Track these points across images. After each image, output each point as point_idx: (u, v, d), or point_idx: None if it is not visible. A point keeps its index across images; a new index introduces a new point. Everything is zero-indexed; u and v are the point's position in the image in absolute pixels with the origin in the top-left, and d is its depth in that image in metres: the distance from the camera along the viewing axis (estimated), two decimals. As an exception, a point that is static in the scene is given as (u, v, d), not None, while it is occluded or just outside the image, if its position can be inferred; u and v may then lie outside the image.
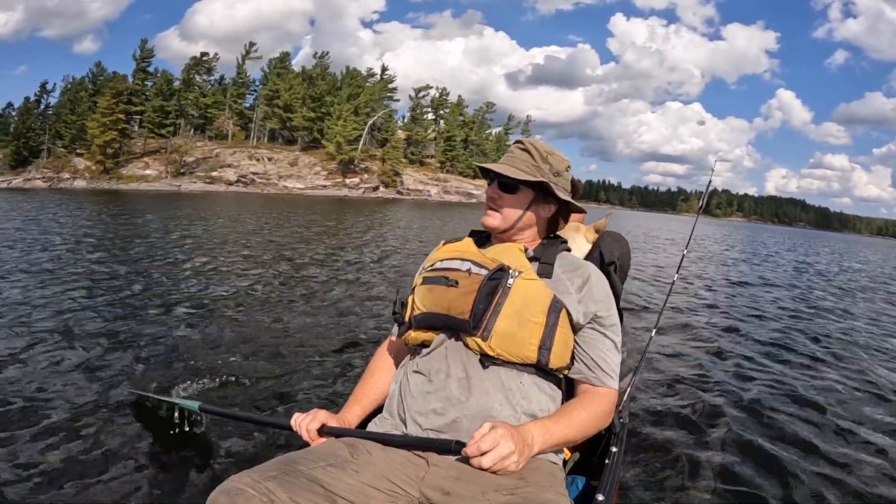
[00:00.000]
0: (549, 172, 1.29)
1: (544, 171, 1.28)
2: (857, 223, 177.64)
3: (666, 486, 2.16)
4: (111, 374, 2.93)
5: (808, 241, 42.89)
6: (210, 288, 5.43)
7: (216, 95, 46.51)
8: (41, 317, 3.98)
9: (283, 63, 49.82)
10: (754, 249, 20.51)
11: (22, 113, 40.88)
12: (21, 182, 35.70)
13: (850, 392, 3.48)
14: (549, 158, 1.29)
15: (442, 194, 47.43)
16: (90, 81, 44.95)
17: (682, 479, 2.21)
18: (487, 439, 0.97)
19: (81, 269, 6.07)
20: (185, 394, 2.70)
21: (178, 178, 39.39)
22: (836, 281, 11.50)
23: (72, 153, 39.63)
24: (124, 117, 38.74)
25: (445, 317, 1.17)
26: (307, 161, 44.94)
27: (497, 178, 1.27)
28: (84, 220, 12.90)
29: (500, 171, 1.25)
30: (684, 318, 5.47)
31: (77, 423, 2.34)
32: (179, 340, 3.61)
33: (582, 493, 1.26)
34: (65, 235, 9.24)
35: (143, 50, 44.40)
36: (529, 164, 1.27)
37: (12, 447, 2.10)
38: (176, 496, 1.89)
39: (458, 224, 19.88)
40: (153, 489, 1.90)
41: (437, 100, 55.57)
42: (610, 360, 1.20)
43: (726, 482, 2.21)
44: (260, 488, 0.92)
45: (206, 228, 12.02)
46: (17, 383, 2.73)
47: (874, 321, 6.48)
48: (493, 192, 1.28)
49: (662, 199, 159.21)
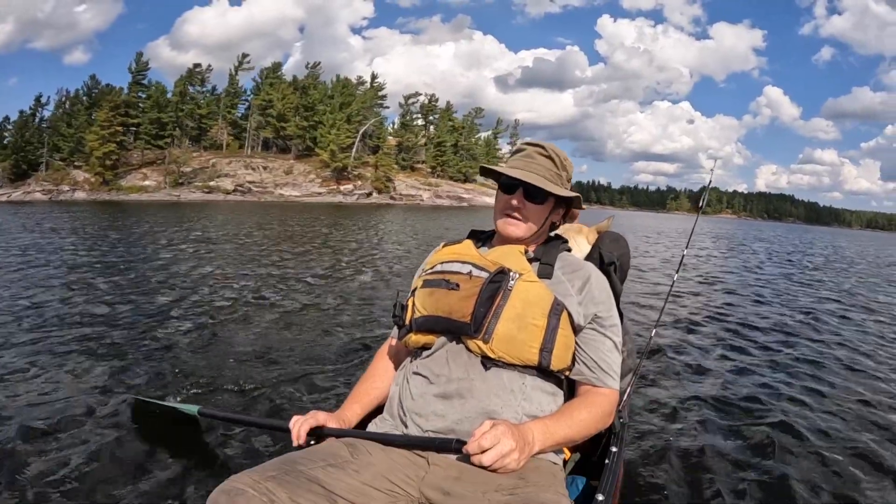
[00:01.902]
0: (565, 179, 1.30)
1: (563, 179, 1.29)
2: (847, 216, 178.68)
3: (666, 486, 2.14)
4: (111, 379, 2.98)
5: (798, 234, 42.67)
6: (209, 293, 5.49)
7: (210, 106, 47.52)
8: (42, 323, 4.07)
9: (276, 73, 50.87)
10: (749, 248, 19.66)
11: (19, 126, 41.50)
12: (21, 195, 36.40)
13: (855, 390, 3.44)
14: (566, 164, 1.30)
15: (434, 199, 48.61)
16: (85, 94, 45.75)
17: (683, 479, 2.20)
18: (488, 436, 0.97)
19: (83, 276, 6.22)
20: (184, 398, 2.73)
21: (177, 189, 40.33)
22: (830, 274, 11.51)
23: (70, 166, 40.39)
24: (122, 129, 39.78)
25: (446, 320, 1.17)
26: (302, 169, 46.05)
27: (523, 187, 1.24)
28: (89, 230, 13.26)
29: (532, 183, 1.23)
30: (685, 317, 5.46)
31: (77, 427, 2.36)
32: (178, 345, 3.65)
33: (582, 493, 1.26)
34: (69, 245, 9.52)
35: (138, 63, 45.53)
36: (553, 172, 1.27)
37: (12, 451, 2.12)
38: (176, 497, 1.90)
39: (451, 225, 20.56)
40: (153, 491, 1.92)
41: (426, 106, 56.88)
42: (610, 360, 1.20)
43: (726, 482, 2.20)
44: (260, 488, 0.92)
45: (206, 236, 12.19)
46: (16, 388, 2.77)
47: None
48: (519, 201, 1.25)
49: (653, 198, 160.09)
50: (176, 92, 45.58)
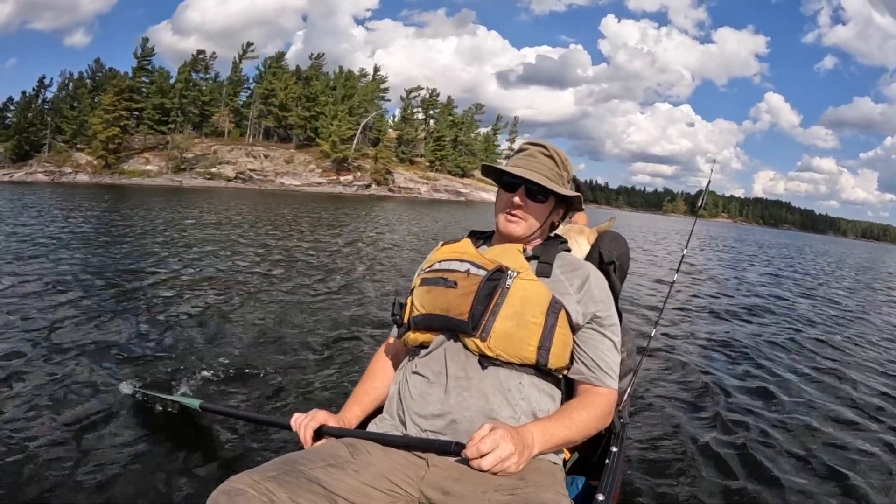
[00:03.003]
0: (566, 179, 1.30)
1: (564, 179, 1.29)
2: (842, 225, 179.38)
3: (666, 485, 2.14)
4: (112, 371, 2.95)
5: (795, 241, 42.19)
6: (211, 286, 5.47)
7: (213, 93, 47.85)
8: (42, 314, 4.02)
9: (279, 62, 51.18)
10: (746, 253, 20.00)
11: (22, 107, 41.74)
12: (23, 175, 36.71)
13: (853, 392, 3.41)
14: (567, 164, 1.30)
15: (431, 192, 49.10)
16: (89, 77, 46.01)
17: (682, 479, 2.19)
18: (487, 441, 0.97)
19: (86, 265, 6.12)
20: (186, 392, 2.73)
21: (179, 174, 40.80)
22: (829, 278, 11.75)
23: (72, 148, 40.71)
24: (126, 114, 40.09)
25: (444, 318, 1.17)
26: (302, 159, 46.49)
27: (525, 185, 1.25)
28: (94, 212, 13.38)
29: (536, 181, 1.23)
30: (684, 317, 5.45)
31: (78, 421, 2.35)
32: (181, 338, 3.65)
33: (582, 493, 1.27)
34: (73, 229, 9.52)
35: (143, 48, 45.85)
36: (554, 171, 1.27)
37: (12, 446, 2.11)
38: (176, 496, 1.90)
39: (449, 219, 20.64)
40: (153, 488, 1.92)
41: (427, 100, 57.22)
42: (609, 359, 1.20)
43: (727, 482, 2.19)
44: (260, 488, 0.93)
45: (208, 224, 12.25)
46: (16, 381, 2.74)
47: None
48: (521, 199, 1.25)
49: (649, 199, 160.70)
50: (181, 79, 45.77)
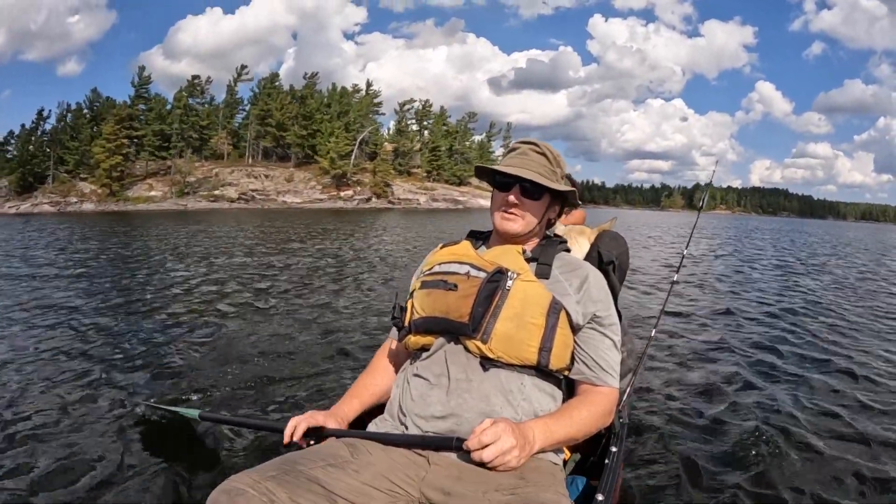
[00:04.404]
0: (560, 175, 1.31)
1: (558, 175, 1.30)
2: (841, 209, 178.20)
3: (666, 485, 2.14)
4: (115, 385, 3.07)
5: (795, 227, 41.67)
6: (211, 300, 5.63)
7: (210, 117, 48.62)
8: (48, 331, 4.22)
9: (273, 83, 52.14)
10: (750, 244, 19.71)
11: (23, 140, 42.31)
12: (29, 207, 37.36)
13: (858, 390, 3.38)
14: (559, 160, 1.31)
15: (430, 202, 49.91)
16: (87, 108, 46.69)
17: (683, 479, 2.19)
18: (489, 433, 0.98)
19: (91, 284, 6.45)
20: (186, 403, 2.78)
21: (184, 198, 41.56)
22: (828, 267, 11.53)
23: (76, 178, 41.38)
24: (127, 142, 40.89)
25: (445, 320, 1.17)
26: (302, 177, 47.29)
27: (520, 183, 1.25)
28: (100, 239, 13.78)
29: (528, 178, 1.24)
30: (685, 317, 5.44)
31: (82, 431, 2.44)
32: (181, 352, 3.75)
33: (582, 493, 1.27)
34: (79, 255, 9.86)
35: (140, 77, 46.77)
36: (547, 168, 1.28)
37: (18, 454, 2.18)
38: (176, 497, 1.93)
39: (446, 226, 21.42)
40: (154, 491, 1.96)
41: (420, 112, 58.12)
42: (610, 359, 1.21)
43: (727, 482, 2.19)
44: (260, 488, 0.92)
45: (212, 243, 12.63)
46: (23, 393, 2.87)
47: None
48: (516, 197, 1.26)
49: (647, 196, 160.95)
50: (180, 105, 46.62)
